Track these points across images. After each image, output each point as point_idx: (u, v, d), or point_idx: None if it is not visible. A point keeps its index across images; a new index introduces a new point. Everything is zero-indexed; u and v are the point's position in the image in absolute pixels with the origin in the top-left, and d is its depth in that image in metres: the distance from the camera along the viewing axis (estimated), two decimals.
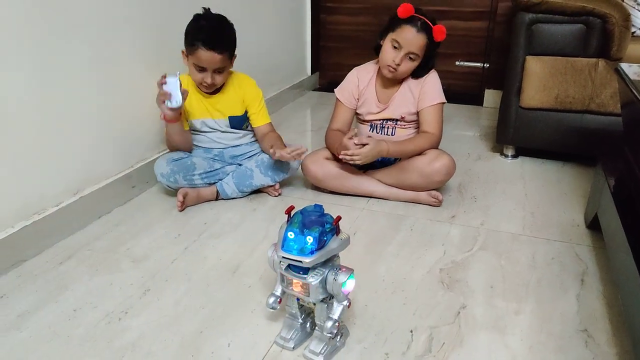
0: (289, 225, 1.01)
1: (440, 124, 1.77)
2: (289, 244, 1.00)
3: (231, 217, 1.70)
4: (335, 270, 1.02)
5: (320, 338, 1.09)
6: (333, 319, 1.04)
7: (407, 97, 1.78)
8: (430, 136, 1.75)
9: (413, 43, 1.65)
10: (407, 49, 1.66)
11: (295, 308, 1.11)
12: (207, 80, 1.68)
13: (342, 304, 1.05)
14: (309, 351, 1.09)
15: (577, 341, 1.14)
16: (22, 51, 1.38)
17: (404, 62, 1.69)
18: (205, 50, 1.63)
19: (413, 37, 1.65)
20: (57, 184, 1.55)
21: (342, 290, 1.02)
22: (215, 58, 1.65)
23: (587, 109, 1.91)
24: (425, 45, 1.67)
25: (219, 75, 1.71)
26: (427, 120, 1.76)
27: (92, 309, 1.25)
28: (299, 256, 0.98)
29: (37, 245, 1.48)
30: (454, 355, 1.10)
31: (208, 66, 1.67)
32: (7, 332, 1.18)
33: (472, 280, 1.36)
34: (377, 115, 1.82)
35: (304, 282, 1.01)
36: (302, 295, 1.04)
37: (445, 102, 1.78)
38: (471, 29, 2.90)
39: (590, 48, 1.86)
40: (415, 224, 1.65)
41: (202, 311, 1.24)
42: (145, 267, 1.42)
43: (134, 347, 1.13)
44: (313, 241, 0.97)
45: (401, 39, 1.66)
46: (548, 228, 1.61)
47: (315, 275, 1.01)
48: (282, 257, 1.00)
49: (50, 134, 1.50)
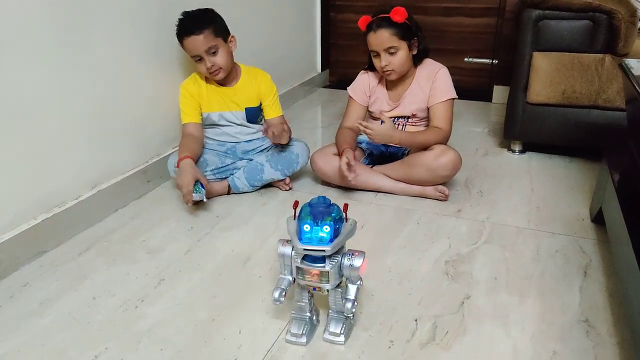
0: (300, 219, 1.05)
1: (450, 120, 1.81)
2: (306, 236, 1.03)
3: (242, 210, 1.75)
4: (348, 255, 1.07)
5: (337, 320, 1.14)
6: (352, 300, 1.09)
7: (418, 95, 1.82)
8: (440, 131, 1.79)
9: (380, 41, 1.73)
10: (381, 49, 1.74)
11: (305, 300, 1.14)
12: (208, 65, 1.74)
13: (357, 284, 1.10)
14: (329, 334, 1.14)
15: (578, 331, 1.17)
16: (44, 49, 1.44)
17: (390, 59, 1.74)
18: (186, 38, 1.71)
19: (376, 37, 1.74)
20: (76, 178, 1.61)
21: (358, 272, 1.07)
22: (197, 40, 1.70)
23: (594, 104, 1.93)
24: (393, 34, 1.72)
25: (215, 56, 1.74)
26: (437, 116, 1.80)
27: (110, 297, 1.31)
28: (320, 246, 1.02)
29: (58, 237, 1.54)
30: (457, 344, 1.14)
31: (198, 51, 1.72)
32: (30, 318, 1.24)
33: (476, 272, 1.39)
34: (389, 113, 1.86)
35: (323, 270, 1.05)
36: (319, 284, 1.08)
37: (456, 97, 1.81)
38: (480, 25, 2.92)
39: (596, 44, 1.88)
40: (422, 217, 1.69)
41: (214, 300, 1.29)
42: (160, 258, 1.48)
43: (150, 332, 1.18)
44: (330, 230, 1.02)
45: (373, 47, 1.76)
46: (553, 222, 1.64)
47: (333, 261, 1.06)
48: (304, 249, 1.03)
49: (70, 130, 1.56)
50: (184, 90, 1.83)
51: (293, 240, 1.06)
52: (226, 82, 1.85)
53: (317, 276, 1.07)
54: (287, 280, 1.12)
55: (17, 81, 1.37)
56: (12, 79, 1.36)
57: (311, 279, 1.08)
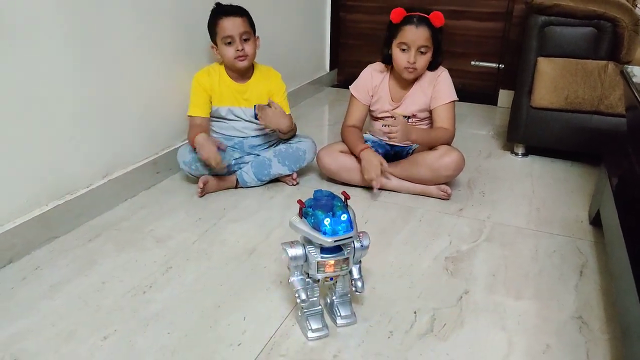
0: (315, 216, 1.06)
1: (454, 121, 1.86)
2: (329, 229, 1.05)
3: (249, 203, 1.79)
4: (356, 238, 1.13)
5: (343, 303, 1.20)
6: (360, 278, 1.17)
7: (419, 97, 1.86)
8: (447, 131, 1.84)
9: (418, 37, 1.75)
10: (415, 46, 1.75)
11: (316, 294, 1.17)
12: (239, 48, 1.79)
13: (358, 264, 1.17)
14: (341, 318, 1.19)
15: (571, 326, 1.21)
16: (58, 40, 1.48)
17: (419, 58, 1.77)
18: (226, 17, 1.77)
19: (415, 32, 1.75)
20: (88, 167, 1.65)
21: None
22: (237, 22, 1.77)
23: (597, 110, 1.97)
24: (430, 36, 1.75)
25: (247, 43, 1.81)
26: (442, 118, 1.84)
27: (119, 283, 1.35)
28: (347, 233, 1.06)
29: (69, 223, 1.58)
30: (454, 335, 1.18)
31: (234, 32, 1.77)
32: (41, 300, 1.28)
33: (475, 269, 1.43)
34: (390, 112, 1.90)
35: (344, 258, 1.10)
36: (336, 273, 1.12)
37: (457, 99, 1.85)
38: (487, 29, 2.95)
39: (600, 51, 1.91)
40: (425, 215, 1.73)
41: (220, 288, 1.34)
42: (168, 246, 1.52)
43: (158, 317, 1.22)
44: (347, 217, 1.06)
45: (407, 40, 1.76)
46: (552, 223, 1.68)
47: (349, 247, 1.11)
48: (335, 241, 1.05)
49: (82, 119, 1.60)
50: (196, 82, 1.87)
51: (315, 238, 1.06)
52: (240, 78, 1.90)
53: (334, 266, 1.11)
54: (302, 280, 1.14)
55: (30, 71, 1.42)
56: (25, 68, 1.40)
57: (329, 270, 1.11)
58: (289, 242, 1.12)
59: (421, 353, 1.12)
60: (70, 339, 1.15)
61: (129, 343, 1.14)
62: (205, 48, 1.94)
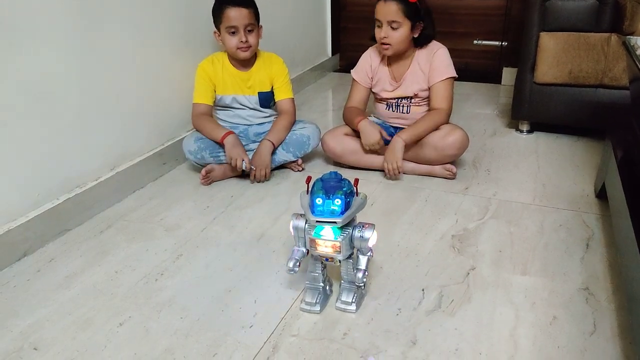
0: (313, 193, 1.10)
1: (450, 99, 1.85)
2: (319, 209, 1.09)
3: (256, 190, 1.81)
4: (359, 227, 1.13)
5: (349, 289, 1.20)
6: (362, 270, 1.14)
7: (419, 74, 1.86)
8: (439, 112, 1.83)
9: (386, 12, 1.75)
10: (385, 20, 1.76)
11: (317, 271, 1.20)
12: (242, 39, 1.79)
13: (367, 255, 1.15)
14: (341, 302, 1.20)
15: (578, 298, 1.22)
16: (63, 33, 1.50)
17: (390, 33, 1.77)
18: (232, 7, 1.77)
19: (384, 7, 1.76)
20: (96, 160, 1.68)
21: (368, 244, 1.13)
22: (243, 12, 1.77)
23: (601, 83, 1.96)
24: (401, 10, 1.74)
25: (251, 34, 1.81)
26: (437, 95, 1.84)
27: (132, 271, 1.38)
28: (332, 218, 1.08)
29: (80, 216, 1.61)
30: (461, 311, 1.19)
31: (239, 23, 1.78)
32: (57, 290, 1.31)
33: (482, 246, 1.44)
34: (392, 93, 1.90)
35: (334, 242, 1.11)
36: (332, 254, 1.13)
37: (455, 76, 1.85)
38: (489, 7, 2.93)
39: (603, 23, 1.90)
40: (430, 195, 1.74)
41: (230, 273, 1.36)
42: (178, 235, 1.54)
43: (170, 303, 1.25)
44: (341, 203, 1.08)
45: (378, 16, 1.78)
46: (558, 198, 1.68)
47: (344, 234, 1.11)
48: (316, 221, 1.09)
49: (90, 113, 1.62)
50: (200, 70, 1.89)
51: (306, 213, 1.11)
52: (242, 66, 1.90)
53: (323, 246, 1.12)
54: (301, 251, 1.18)
55: (36, 68, 1.44)
56: (31, 65, 1.42)
57: (325, 250, 1.13)
58: (299, 214, 1.16)
59: (430, 329, 1.14)
60: (86, 327, 1.18)
61: (143, 328, 1.17)
62: (208, 38, 1.96)
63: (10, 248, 1.42)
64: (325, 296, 1.23)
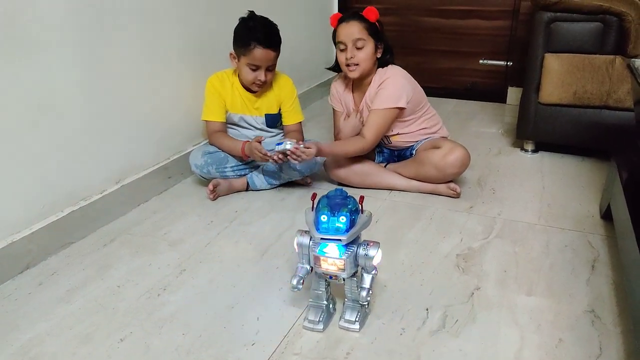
0: (318, 209, 1.10)
1: (378, 130, 1.80)
2: (324, 226, 1.09)
3: (260, 206, 1.80)
4: (363, 245, 1.12)
5: (352, 308, 1.19)
6: (367, 288, 1.13)
7: (373, 98, 1.83)
8: (361, 141, 1.80)
9: (350, 32, 1.75)
10: (349, 40, 1.75)
11: (321, 288, 1.19)
12: (260, 78, 1.79)
13: (372, 273, 1.14)
14: (344, 321, 1.19)
15: (584, 320, 1.21)
16: (72, 48, 1.51)
17: (356, 53, 1.75)
18: (262, 48, 1.75)
19: (347, 28, 1.76)
20: (101, 174, 1.68)
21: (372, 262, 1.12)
22: (270, 55, 1.77)
23: (605, 104, 1.96)
24: (364, 28, 1.74)
25: (270, 72, 1.82)
26: (367, 123, 1.81)
27: (134, 286, 1.37)
28: (336, 235, 1.08)
29: (84, 229, 1.61)
30: (466, 331, 1.18)
31: (263, 64, 1.77)
32: (58, 304, 1.31)
33: (486, 265, 1.43)
34: (362, 119, 1.89)
35: (338, 260, 1.10)
36: (336, 272, 1.12)
37: (398, 107, 1.77)
38: (495, 27, 2.95)
39: (607, 45, 1.91)
40: (435, 213, 1.73)
41: (234, 289, 1.35)
42: (181, 249, 1.54)
43: (172, 318, 1.24)
44: (346, 220, 1.08)
45: (341, 38, 1.77)
46: (563, 218, 1.67)
47: (348, 251, 1.10)
48: (321, 238, 1.09)
49: (95, 127, 1.63)
50: (210, 86, 1.88)
51: (310, 230, 1.11)
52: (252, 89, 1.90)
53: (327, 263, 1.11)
54: (305, 269, 1.17)
55: (43, 81, 1.45)
56: (38, 79, 1.43)
57: (329, 268, 1.12)
58: (303, 231, 1.16)
59: (434, 349, 1.13)
60: (87, 342, 1.17)
61: (144, 344, 1.16)
62: (216, 53, 1.96)
63: (13, 260, 1.42)
64: (329, 314, 1.23)
